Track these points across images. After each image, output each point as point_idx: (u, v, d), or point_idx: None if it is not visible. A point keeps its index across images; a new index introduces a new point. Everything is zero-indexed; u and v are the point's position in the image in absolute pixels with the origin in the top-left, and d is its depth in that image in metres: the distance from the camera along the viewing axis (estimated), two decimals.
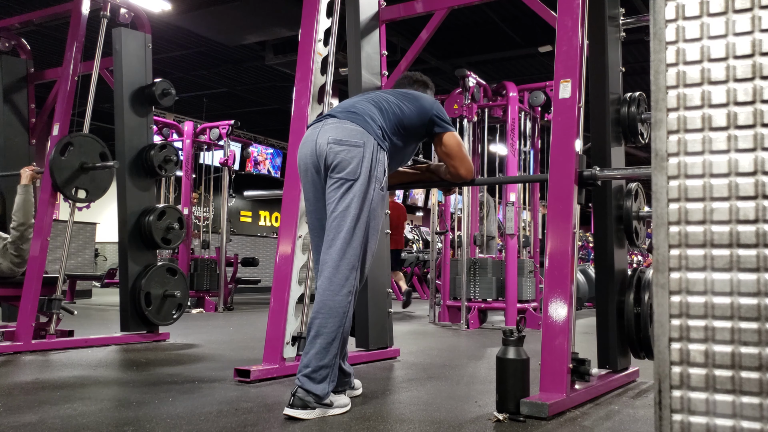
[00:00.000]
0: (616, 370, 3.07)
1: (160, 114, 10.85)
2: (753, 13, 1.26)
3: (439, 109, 2.70)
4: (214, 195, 8.60)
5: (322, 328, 2.34)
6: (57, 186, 3.99)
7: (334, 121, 2.50)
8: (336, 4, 3.47)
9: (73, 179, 4.05)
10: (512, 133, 6.06)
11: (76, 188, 4.08)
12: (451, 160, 2.70)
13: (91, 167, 4.10)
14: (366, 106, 2.55)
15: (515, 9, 8.51)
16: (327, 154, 2.42)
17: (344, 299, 2.36)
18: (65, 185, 4.01)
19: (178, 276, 4.56)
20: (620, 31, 3.22)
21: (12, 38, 5.04)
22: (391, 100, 2.63)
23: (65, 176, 4.01)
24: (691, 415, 1.27)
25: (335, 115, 2.53)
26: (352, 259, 2.39)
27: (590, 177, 2.62)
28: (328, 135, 2.45)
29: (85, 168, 4.09)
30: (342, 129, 2.45)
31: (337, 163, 2.40)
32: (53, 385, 2.82)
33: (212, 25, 9.08)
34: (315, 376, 2.29)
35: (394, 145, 2.60)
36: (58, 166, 3.98)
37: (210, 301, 7.60)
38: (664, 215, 1.32)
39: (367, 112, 2.51)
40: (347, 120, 2.47)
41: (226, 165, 7.95)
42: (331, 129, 2.46)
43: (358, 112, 2.51)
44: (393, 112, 2.58)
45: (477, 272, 6.01)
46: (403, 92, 2.73)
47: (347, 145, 2.41)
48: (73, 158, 4.05)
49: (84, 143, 4.11)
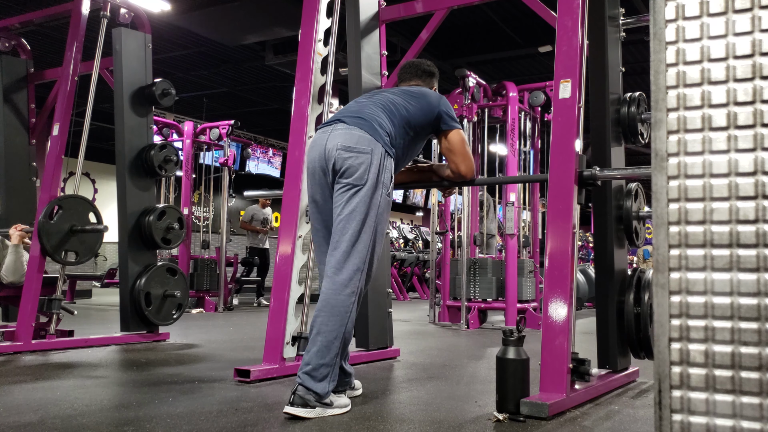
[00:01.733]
0: (616, 370, 3.07)
1: (160, 114, 10.85)
2: (753, 13, 1.26)
3: (446, 105, 2.71)
4: (214, 195, 8.61)
5: (324, 326, 2.35)
6: (46, 251, 3.90)
7: (343, 126, 2.52)
8: (336, 4, 3.47)
9: (63, 243, 3.96)
10: (512, 133, 6.07)
11: (66, 251, 3.99)
12: (454, 156, 2.72)
13: (80, 230, 4.02)
14: (374, 111, 2.56)
15: (515, 9, 8.51)
16: (335, 160, 2.45)
17: (347, 299, 2.37)
18: (55, 250, 3.92)
19: (178, 276, 4.56)
20: (620, 31, 3.22)
21: (12, 38, 5.04)
22: (398, 102, 2.63)
23: (55, 241, 3.92)
24: (691, 415, 1.27)
25: (344, 120, 2.54)
26: (357, 261, 2.41)
27: (590, 177, 2.62)
28: (336, 141, 2.47)
29: (75, 231, 4.00)
30: (350, 135, 2.47)
31: (346, 169, 2.44)
32: (53, 386, 2.82)
33: (212, 25, 9.08)
34: (315, 374, 2.30)
35: (403, 147, 2.63)
36: (47, 231, 3.89)
37: (210, 301, 7.60)
38: (664, 215, 1.32)
39: (375, 118, 2.54)
40: (356, 126, 2.49)
41: (226, 165, 7.95)
42: (340, 135, 2.49)
43: (366, 118, 2.53)
44: (400, 115, 2.60)
45: (477, 272, 6.01)
46: (409, 91, 2.72)
47: (355, 152, 2.44)
48: (62, 221, 3.96)
49: (73, 205, 4.03)
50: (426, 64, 2.93)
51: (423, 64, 2.93)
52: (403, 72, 2.93)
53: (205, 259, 7.78)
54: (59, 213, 3.96)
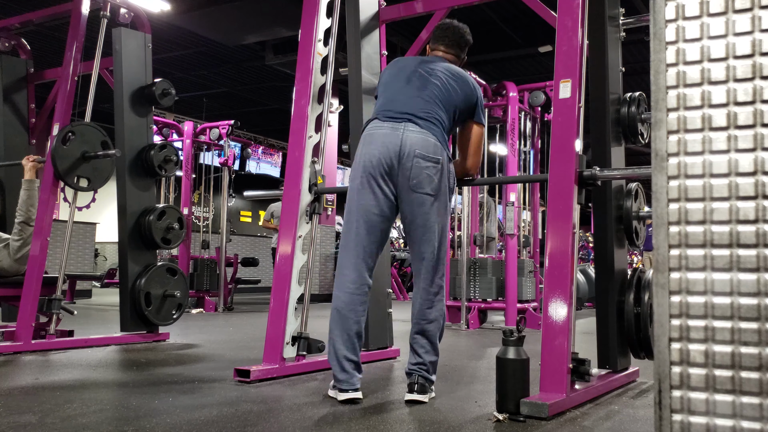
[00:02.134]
0: (616, 370, 3.07)
1: (160, 114, 10.85)
2: (753, 13, 1.26)
3: (481, 96, 2.77)
4: (214, 195, 8.61)
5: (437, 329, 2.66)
6: (59, 174, 3.99)
7: (416, 129, 2.58)
8: (336, 4, 3.47)
9: (75, 168, 4.05)
10: (512, 133, 6.06)
11: (78, 177, 4.09)
12: (470, 148, 2.77)
13: (92, 156, 4.11)
14: (433, 109, 2.63)
15: (515, 9, 8.51)
16: (413, 167, 2.54)
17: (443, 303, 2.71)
18: (67, 174, 4.01)
19: (178, 276, 4.56)
20: (620, 31, 3.22)
21: (12, 38, 5.03)
22: (451, 86, 2.66)
23: (67, 165, 4.01)
24: (691, 415, 1.27)
25: (415, 121, 2.59)
26: (442, 269, 2.68)
27: (590, 177, 2.62)
28: (413, 145, 2.55)
29: (87, 157, 4.10)
30: (426, 142, 2.57)
31: (422, 179, 2.55)
32: (53, 386, 2.82)
33: (212, 25, 9.08)
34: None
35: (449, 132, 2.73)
36: (60, 155, 3.98)
37: (210, 301, 7.60)
38: (664, 215, 1.32)
39: (437, 118, 2.62)
40: (428, 131, 2.58)
41: (226, 165, 7.95)
42: (416, 138, 2.56)
43: (432, 120, 2.61)
44: (452, 102, 2.66)
45: (477, 272, 6.01)
46: (455, 75, 2.71)
47: (431, 162, 2.56)
48: (75, 147, 4.06)
49: (85, 132, 4.12)
50: (467, 33, 2.89)
51: (465, 32, 2.89)
52: (443, 34, 2.87)
53: (205, 259, 7.78)
54: (72, 138, 4.04)
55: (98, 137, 4.18)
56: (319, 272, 10.00)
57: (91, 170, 4.14)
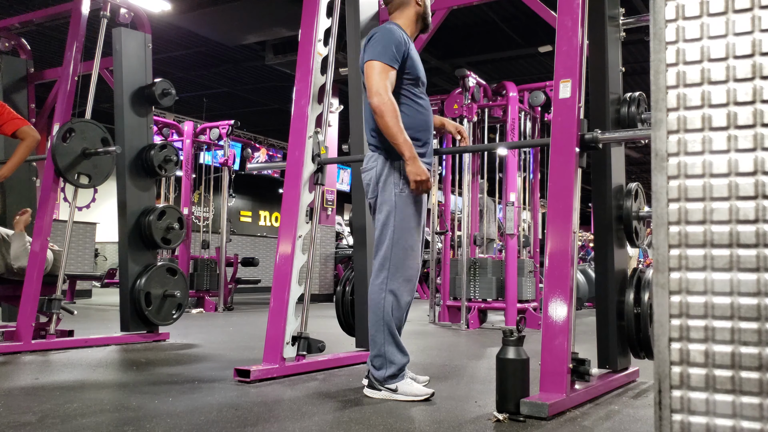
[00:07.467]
0: (616, 370, 3.07)
1: (160, 114, 10.85)
2: (753, 13, 1.26)
3: (376, 40, 2.62)
4: (214, 195, 8.61)
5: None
6: (59, 171, 3.99)
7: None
8: (336, 4, 3.47)
9: (75, 165, 4.06)
10: (512, 133, 6.06)
11: (79, 174, 4.09)
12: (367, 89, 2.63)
13: (93, 152, 4.11)
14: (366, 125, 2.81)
15: (515, 9, 8.51)
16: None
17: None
18: (67, 170, 4.02)
19: (178, 276, 4.56)
20: (620, 31, 3.22)
21: (12, 38, 5.04)
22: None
23: (67, 162, 4.01)
24: (691, 415, 1.27)
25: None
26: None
27: (592, 140, 2.62)
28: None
29: (87, 153, 4.10)
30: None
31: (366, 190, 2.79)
32: (53, 386, 2.82)
33: (212, 25, 9.08)
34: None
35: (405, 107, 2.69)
36: (60, 152, 3.98)
37: (210, 301, 7.60)
38: (664, 215, 1.32)
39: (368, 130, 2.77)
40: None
41: (226, 165, 7.95)
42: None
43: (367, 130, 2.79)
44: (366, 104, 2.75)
45: (477, 272, 6.01)
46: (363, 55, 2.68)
47: (365, 171, 2.76)
48: (75, 144, 4.06)
49: (85, 129, 4.13)
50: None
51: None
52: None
53: (205, 259, 7.78)
54: (72, 135, 4.05)
55: (98, 134, 4.18)
56: (319, 272, 10.00)
57: (91, 167, 4.15)
